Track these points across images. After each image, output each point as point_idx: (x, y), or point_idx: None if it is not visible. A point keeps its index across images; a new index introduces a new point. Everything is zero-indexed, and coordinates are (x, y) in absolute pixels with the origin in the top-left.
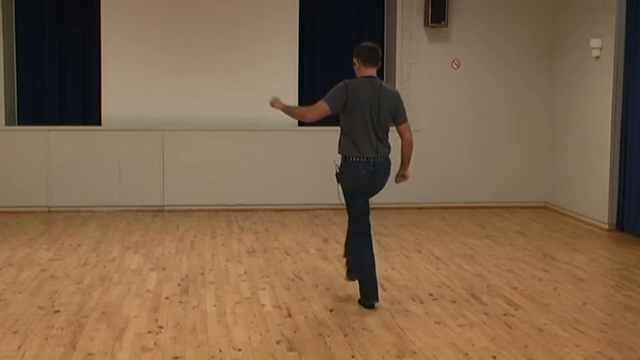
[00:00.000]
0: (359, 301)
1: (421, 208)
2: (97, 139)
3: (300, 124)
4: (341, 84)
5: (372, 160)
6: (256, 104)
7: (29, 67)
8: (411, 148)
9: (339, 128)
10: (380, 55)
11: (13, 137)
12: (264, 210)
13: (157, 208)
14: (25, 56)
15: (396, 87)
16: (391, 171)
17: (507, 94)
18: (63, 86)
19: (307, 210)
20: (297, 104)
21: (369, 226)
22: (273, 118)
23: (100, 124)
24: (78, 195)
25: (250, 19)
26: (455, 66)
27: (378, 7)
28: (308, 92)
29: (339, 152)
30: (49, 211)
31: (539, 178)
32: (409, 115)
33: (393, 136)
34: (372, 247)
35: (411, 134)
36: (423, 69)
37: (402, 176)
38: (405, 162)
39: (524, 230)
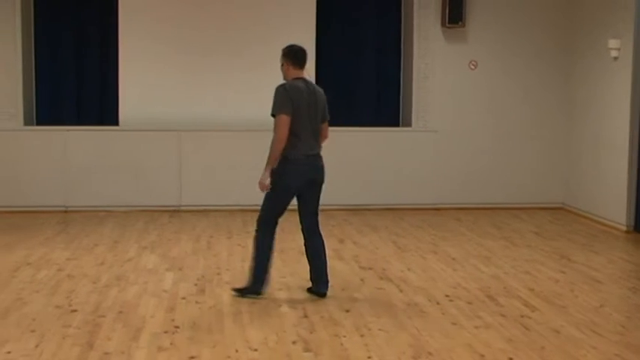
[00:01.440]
0: (241, 290)
1: (437, 209)
2: (114, 139)
3: None
4: (280, 89)
5: (313, 155)
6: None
7: (47, 68)
8: (322, 143)
9: (354, 128)
10: (306, 57)
11: (31, 137)
12: None
13: (174, 208)
14: (43, 57)
15: (413, 87)
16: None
17: (524, 94)
18: (80, 87)
19: (322, 210)
20: None
21: (277, 224)
22: None
23: (117, 124)
24: (95, 195)
25: (267, 18)
26: (472, 66)
27: (395, 7)
28: (325, 89)
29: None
30: (66, 211)
31: (556, 179)
32: (427, 115)
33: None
34: (273, 245)
35: (328, 132)
36: (439, 69)
37: None
38: None
39: (541, 231)
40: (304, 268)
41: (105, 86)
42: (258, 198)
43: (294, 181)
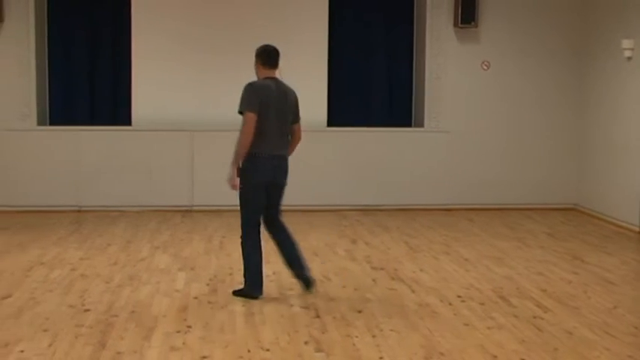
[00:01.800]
0: (239, 291)
1: (449, 210)
2: (127, 139)
3: (329, 124)
4: (247, 87)
5: (278, 155)
6: None
7: (61, 68)
8: (297, 145)
9: (366, 129)
10: (278, 57)
11: (44, 137)
12: (291, 211)
13: (186, 208)
14: (56, 57)
15: (425, 88)
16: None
17: (537, 95)
18: (93, 87)
19: (335, 211)
20: (326, 101)
21: (260, 225)
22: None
23: (129, 124)
24: (108, 195)
25: (280, 17)
26: (484, 67)
27: (408, 7)
28: (337, 90)
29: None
30: (79, 211)
31: (569, 179)
32: (439, 116)
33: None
34: (261, 245)
35: (301, 133)
36: (452, 70)
37: None
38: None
39: (554, 232)
40: (317, 268)
41: (118, 86)
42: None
43: (261, 177)
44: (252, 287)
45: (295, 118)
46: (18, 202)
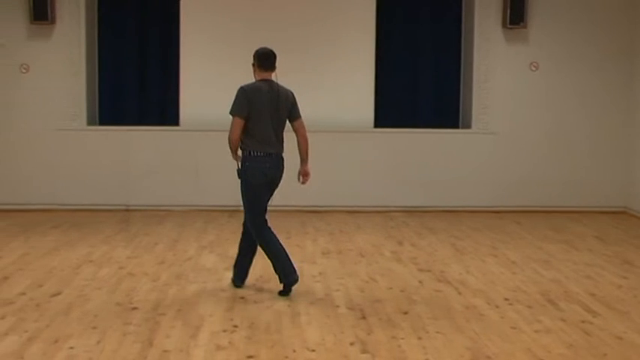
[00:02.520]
0: (283, 288)
1: (496, 212)
2: (175, 139)
3: (376, 125)
4: (239, 91)
5: (275, 155)
6: (331, 104)
7: (110, 69)
8: (307, 143)
9: (413, 130)
10: (274, 60)
11: (93, 137)
12: (338, 211)
13: (233, 208)
14: (106, 58)
15: (473, 89)
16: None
17: (586, 96)
18: (142, 87)
19: (381, 212)
20: (372, 102)
21: (267, 221)
22: (347, 119)
23: (177, 124)
24: (155, 194)
25: (327, 17)
26: (533, 68)
27: (456, 7)
28: (384, 91)
29: (241, 149)
30: (127, 210)
31: (618, 182)
32: (486, 117)
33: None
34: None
35: (305, 129)
36: (500, 71)
37: (303, 174)
38: (304, 158)
39: (602, 235)
40: (363, 269)
41: (166, 86)
42: (316, 199)
43: (257, 177)
44: (288, 275)
45: (294, 115)
46: (68, 201)
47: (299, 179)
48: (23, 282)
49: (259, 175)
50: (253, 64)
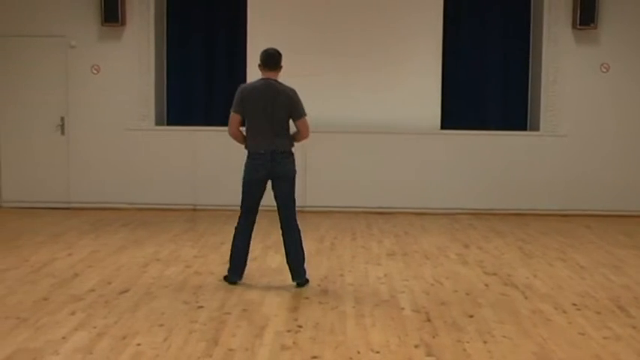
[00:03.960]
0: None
1: (565, 216)
2: None
3: (443, 126)
4: (237, 89)
5: (269, 151)
6: (398, 106)
7: (178, 70)
8: (305, 139)
9: (481, 132)
10: (277, 60)
11: (161, 137)
12: (404, 213)
13: (298, 209)
14: (174, 59)
15: (541, 90)
16: (292, 163)
17: None
18: (209, 88)
19: (447, 214)
20: (439, 103)
21: (254, 220)
22: (414, 121)
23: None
24: (222, 194)
25: (394, 19)
26: (604, 69)
27: (524, 8)
28: (451, 93)
29: (245, 147)
30: (194, 209)
31: None
32: (555, 119)
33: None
34: (250, 236)
35: (308, 130)
36: (569, 72)
37: None
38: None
39: None
40: (428, 271)
41: (233, 87)
42: (382, 200)
43: (251, 174)
44: (229, 270)
45: (294, 115)
46: (136, 200)
47: None
48: (93, 279)
49: (250, 171)
50: (259, 64)
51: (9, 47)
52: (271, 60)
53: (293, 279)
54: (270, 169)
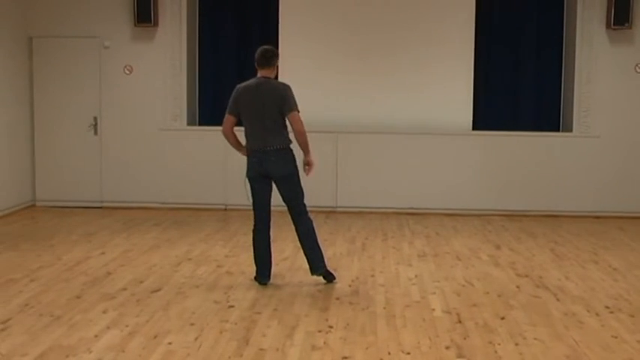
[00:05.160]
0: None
1: (598, 217)
2: None
3: (475, 127)
4: (234, 89)
5: (262, 149)
6: (430, 107)
7: (210, 70)
8: (302, 137)
9: (513, 133)
10: (270, 57)
11: (192, 137)
12: (435, 214)
13: (330, 209)
14: (206, 60)
15: (575, 91)
16: (292, 159)
17: None
18: None
19: (479, 215)
20: (471, 104)
21: (269, 219)
22: (446, 122)
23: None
24: None
25: (425, 20)
26: (638, 70)
27: (557, 8)
28: (483, 95)
29: (238, 150)
30: (225, 209)
31: None
32: (588, 120)
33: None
34: (268, 236)
35: (301, 124)
36: (603, 73)
37: (306, 165)
38: (303, 150)
39: None
40: (460, 273)
41: None
42: (414, 201)
43: (249, 172)
44: (256, 272)
45: (285, 109)
46: (169, 200)
47: (304, 170)
48: (125, 278)
49: (248, 170)
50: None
51: (43, 48)
52: (262, 58)
53: (312, 272)
54: (264, 166)
